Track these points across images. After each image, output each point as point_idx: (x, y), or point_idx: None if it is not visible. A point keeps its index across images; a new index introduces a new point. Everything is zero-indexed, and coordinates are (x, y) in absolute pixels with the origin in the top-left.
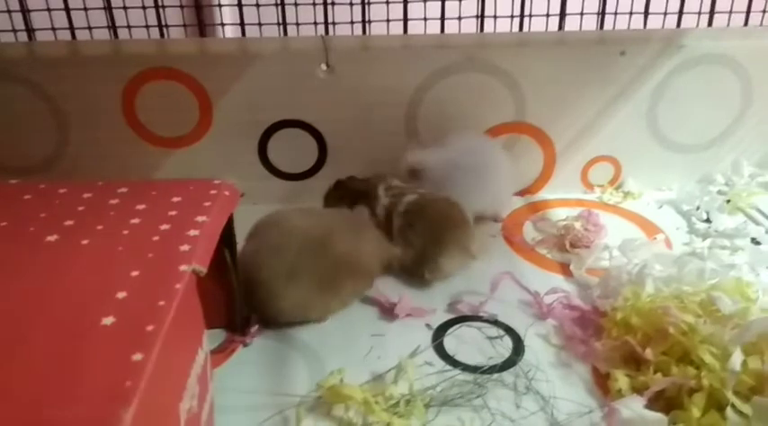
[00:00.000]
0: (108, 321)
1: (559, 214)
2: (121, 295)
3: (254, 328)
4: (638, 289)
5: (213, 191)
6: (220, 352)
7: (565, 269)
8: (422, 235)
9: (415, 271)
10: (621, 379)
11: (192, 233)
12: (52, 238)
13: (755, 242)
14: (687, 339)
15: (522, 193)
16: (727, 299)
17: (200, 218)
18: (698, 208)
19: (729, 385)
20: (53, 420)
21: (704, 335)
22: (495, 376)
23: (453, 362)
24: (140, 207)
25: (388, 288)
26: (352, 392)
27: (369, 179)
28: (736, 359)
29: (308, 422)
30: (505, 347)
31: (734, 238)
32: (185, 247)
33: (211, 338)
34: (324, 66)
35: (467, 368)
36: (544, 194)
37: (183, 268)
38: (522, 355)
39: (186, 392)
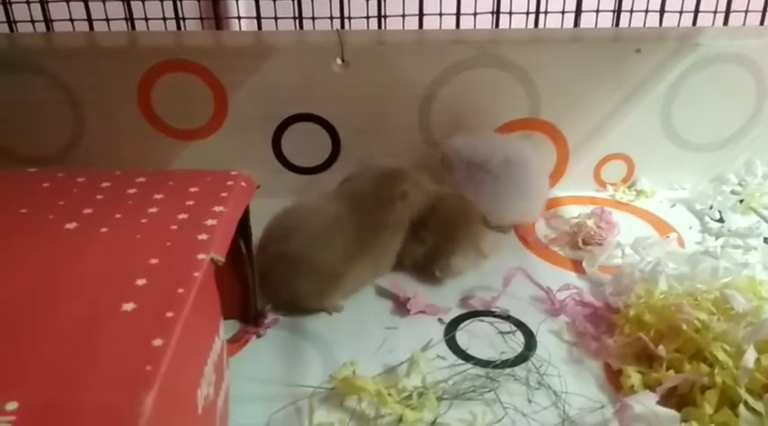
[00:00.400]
0: (128, 307)
1: (572, 211)
2: (141, 282)
3: (269, 319)
4: (651, 287)
5: (230, 182)
6: (235, 342)
7: (577, 266)
8: (433, 232)
9: (427, 269)
10: (634, 376)
11: (210, 222)
12: (71, 226)
13: None
14: (700, 336)
15: None
16: (741, 298)
17: (217, 209)
18: (711, 208)
19: (742, 382)
20: (75, 403)
21: (717, 333)
22: (508, 370)
23: (465, 356)
24: (158, 196)
25: (402, 282)
26: (366, 383)
27: None
28: (750, 356)
29: (320, 413)
30: (517, 342)
31: (747, 238)
32: (203, 236)
33: (226, 328)
34: (339, 61)
35: (479, 362)
36: (557, 191)
37: (201, 256)
38: (535, 350)
39: (204, 379)
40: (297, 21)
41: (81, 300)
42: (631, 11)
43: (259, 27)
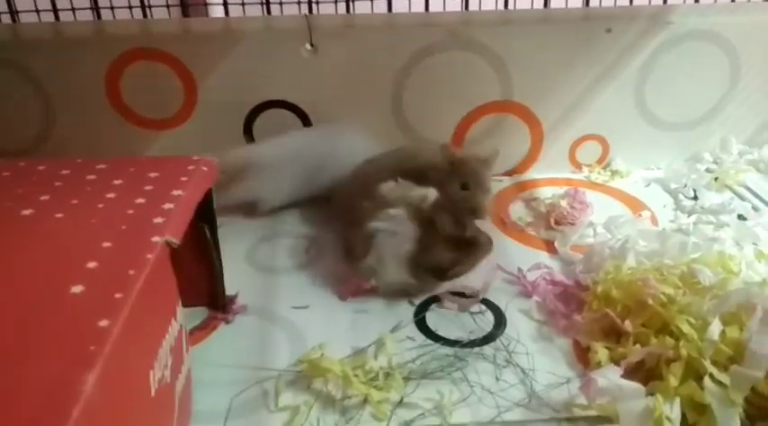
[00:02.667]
0: (77, 289)
1: (546, 193)
2: (92, 265)
3: (237, 305)
4: (620, 263)
5: (191, 167)
6: (202, 329)
7: (550, 246)
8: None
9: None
10: (601, 351)
11: (167, 206)
12: (27, 212)
13: (742, 218)
14: (666, 310)
15: (509, 173)
16: (708, 272)
17: (175, 192)
18: (685, 186)
19: (707, 354)
20: (17, 382)
21: (683, 305)
22: (476, 350)
23: (434, 337)
24: (117, 182)
25: None
26: (331, 365)
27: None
28: (715, 328)
29: (286, 396)
30: (487, 322)
31: (720, 214)
32: (159, 220)
33: (194, 316)
34: (308, 46)
35: (448, 342)
36: (532, 174)
37: (155, 239)
38: (504, 329)
39: (158, 361)
40: (264, 6)
41: (29, 283)
42: None
43: (226, 13)
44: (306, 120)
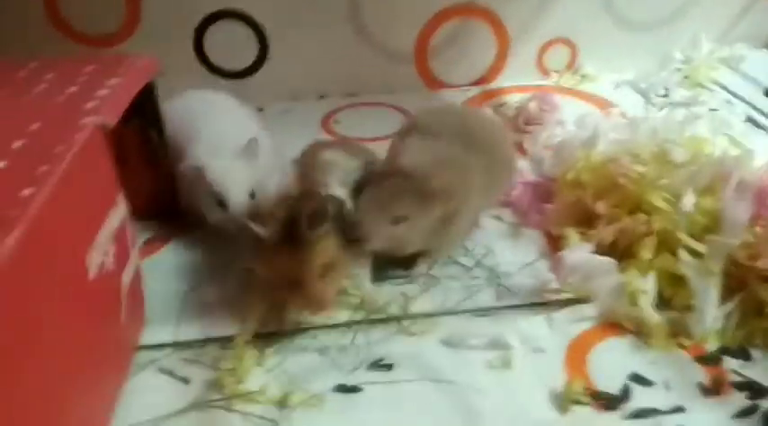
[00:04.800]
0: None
1: (515, 99)
2: (17, 144)
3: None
4: (590, 151)
5: (129, 61)
6: (155, 241)
7: (519, 148)
8: None
9: None
10: (572, 236)
11: (101, 92)
12: None
13: (714, 111)
14: (638, 188)
15: (476, 83)
16: (681, 150)
17: (111, 81)
18: (656, 85)
19: (681, 226)
20: None
21: (655, 180)
22: None
23: None
24: (49, 76)
25: None
26: None
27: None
28: (688, 200)
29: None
30: None
31: (691, 106)
32: (92, 104)
33: (147, 228)
34: None
35: None
36: (499, 82)
37: (86, 120)
38: (473, 230)
39: (96, 243)
40: None
41: None
42: None
43: None
44: (260, 33)
